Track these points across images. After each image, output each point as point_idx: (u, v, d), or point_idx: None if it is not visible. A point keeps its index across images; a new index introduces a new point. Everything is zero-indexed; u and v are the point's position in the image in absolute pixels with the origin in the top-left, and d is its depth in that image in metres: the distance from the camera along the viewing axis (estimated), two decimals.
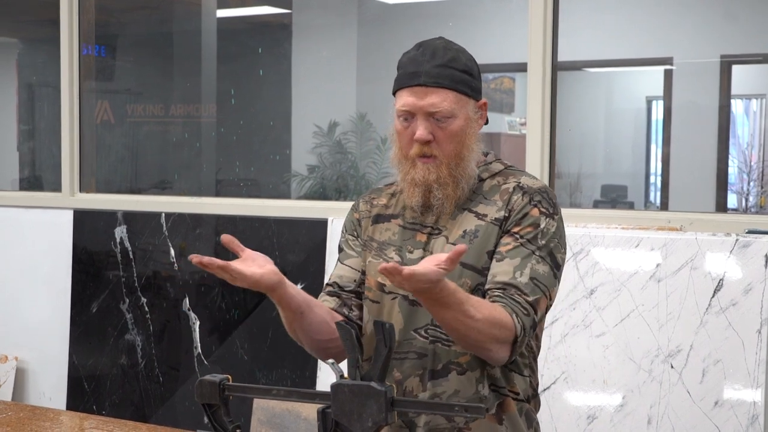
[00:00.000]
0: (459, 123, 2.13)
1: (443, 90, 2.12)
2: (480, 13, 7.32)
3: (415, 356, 2.12)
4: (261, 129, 7.33)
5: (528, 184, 2.17)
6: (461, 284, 2.07)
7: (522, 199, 2.13)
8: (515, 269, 2.06)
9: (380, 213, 2.26)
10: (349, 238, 2.31)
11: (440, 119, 2.11)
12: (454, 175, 2.13)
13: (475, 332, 1.95)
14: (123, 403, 4.59)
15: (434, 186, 2.13)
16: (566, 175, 7.47)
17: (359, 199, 2.34)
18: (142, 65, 7.12)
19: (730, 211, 7.44)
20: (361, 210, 2.31)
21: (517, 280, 2.05)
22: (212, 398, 1.95)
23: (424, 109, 2.11)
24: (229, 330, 4.33)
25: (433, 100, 2.11)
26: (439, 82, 2.12)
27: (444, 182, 2.13)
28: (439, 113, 2.11)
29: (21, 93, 7.59)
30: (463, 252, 1.84)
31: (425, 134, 2.11)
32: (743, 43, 7.17)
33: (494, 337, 1.97)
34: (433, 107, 2.11)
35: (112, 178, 6.20)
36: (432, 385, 2.10)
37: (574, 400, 3.40)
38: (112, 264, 4.64)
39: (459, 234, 2.13)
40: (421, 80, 2.12)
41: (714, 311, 3.22)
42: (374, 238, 2.24)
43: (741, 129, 8.58)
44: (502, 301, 2.02)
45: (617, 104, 8.94)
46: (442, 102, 2.11)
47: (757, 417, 3.12)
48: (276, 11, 7.58)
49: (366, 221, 2.28)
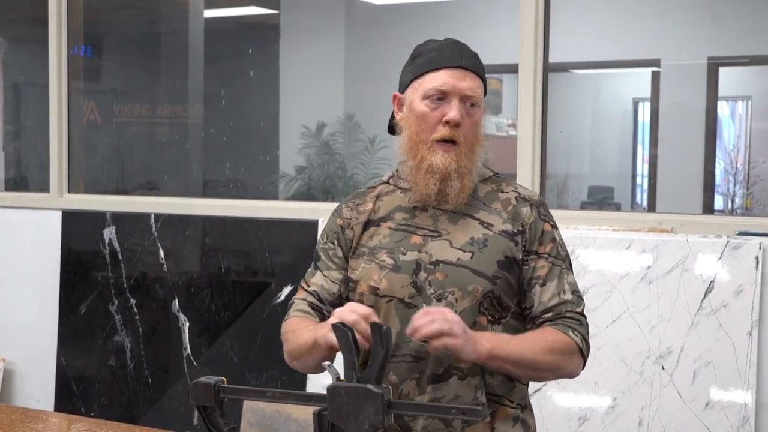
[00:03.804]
0: (480, 115, 2.16)
1: (478, 78, 2.16)
2: (468, 14, 7.32)
3: (411, 359, 2.11)
4: (249, 130, 7.31)
5: (527, 195, 2.20)
6: (472, 291, 2.07)
7: (532, 213, 2.16)
8: (558, 290, 2.14)
9: (369, 219, 2.23)
10: (330, 247, 2.26)
11: (472, 105, 2.13)
12: (468, 167, 2.13)
13: (546, 369, 2.09)
14: (112, 404, 4.58)
15: (453, 175, 2.11)
16: (553, 176, 7.47)
17: (342, 205, 2.29)
18: (129, 65, 7.09)
19: (717, 213, 7.46)
20: (345, 216, 2.26)
21: (564, 300, 2.13)
22: (207, 400, 1.94)
23: (462, 91, 2.12)
24: (219, 331, 4.32)
25: (471, 84, 2.13)
26: (476, 70, 2.15)
27: (463, 172, 2.12)
28: (474, 99, 2.13)
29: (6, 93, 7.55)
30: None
31: (458, 115, 2.10)
32: (730, 45, 7.19)
33: (563, 361, 2.10)
34: (471, 91, 2.13)
35: (99, 178, 6.17)
36: (432, 389, 2.09)
37: (565, 401, 3.40)
38: (100, 265, 4.63)
39: (466, 240, 2.12)
40: (463, 63, 2.14)
41: (705, 313, 3.22)
42: (365, 244, 2.20)
43: (727, 131, 8.61)
44: (555, 324, 2.12)
45: (604, 106, 8.96)
46: (477, 88, 2.14)
47: (748, 418, 3.13)
48: (263, 12, 7.56)
49: (356, 227, 2.23)
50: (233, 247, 4.35)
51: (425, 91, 2.13)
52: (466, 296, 2.08)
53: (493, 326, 2.11)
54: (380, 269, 2.14)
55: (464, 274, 2.09)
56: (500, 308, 2.12)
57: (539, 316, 2.13)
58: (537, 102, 3.69)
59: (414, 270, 2.12)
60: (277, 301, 4.18)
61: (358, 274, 2.19)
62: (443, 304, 2.08)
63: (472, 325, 2.08)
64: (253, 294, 4.25)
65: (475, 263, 2.09)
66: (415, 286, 2.11)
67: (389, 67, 2.35)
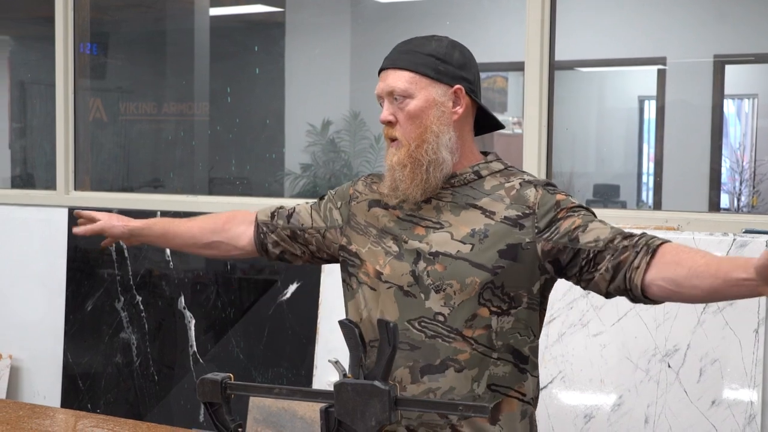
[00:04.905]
0: (417, 104, 2.15)
1: (399, 71, 2.17)
2: (474, 12, 7.31)
3: (408, 347, 2.11)
4: (254, 127, 7.32)
5: (532, 179, 2.20)
6: (470, 283, 2.08)
7: (538, 192, 2.14)
8: (605, 225, 2.08)
9: (377, 199, 2.27)
10: (330, 205, 2.36)
11: (398, 98, 2.16)
12: (414, 156, 2.14)
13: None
14: (118, 401, 4.58)
15: (396, 168, 2.16)
16: (559, 174, 7.46)
17: (360, 179, 2.37)
18: (135, 63, 7.09)
19: (723, 211, 7.45)
20: (358, 189, 2.33)
21: (618, 229, 2.07)
22: (214, 397, 1.95)
23: (384, 90, 2.19)
24: (225, 328, 4.32)
25: (390, 81, 2.17)
26: (396, 64, 2.18)
27: (402, 163, 2.15)
28: (395, 92, 2.16)
29: (13, 91, 7.56)
30: None
31: (386, 115, 2.18)
32: (736, 42, 7.17)
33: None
34: (388, 87, 2.17)
35: (105, 176, 6.18)
36: (428, 379, 2.10)
37: (571, 399, 3.41)
38: (106, 262, 4.63)
39: (467, 232, 2.12)
40: (387, 64, 2.21)
41: (711, 310, 3.22)
42: (371, 223, 2.24)
43: (733, 129, 8.60)
44: (647, 239, 2.02)
45: (610, 103, 8.95)
46: (397, 80, 2.16)
47: (755, 416, 3.13)
48: (269, 9, 7.56)
49: (362, 204, 2.29)
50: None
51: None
52: (464, 289, 2.09)
53: (499, 318, 2.10)
54: (386, 254, 2.18)
55: (463, 266, 2.09)
56: (507, 298, 2.11)
57: (608, 248, 2.03)
58: (543, 100, 3.69)
59: (414, 259, 2.14)
60: (284, 298, 4.19)
61: (364, 253, 2.22)
62: (441, 296, 2.10)
63: (472, 318, 2.09)
64: (259, 291, 4.25)
65: (475, 255, 2.10)
66: (414, 275, 2.13)
67: None
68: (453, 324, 2.09)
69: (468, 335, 2.09)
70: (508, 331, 2.11)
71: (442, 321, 2.09)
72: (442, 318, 2.10)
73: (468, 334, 2.09)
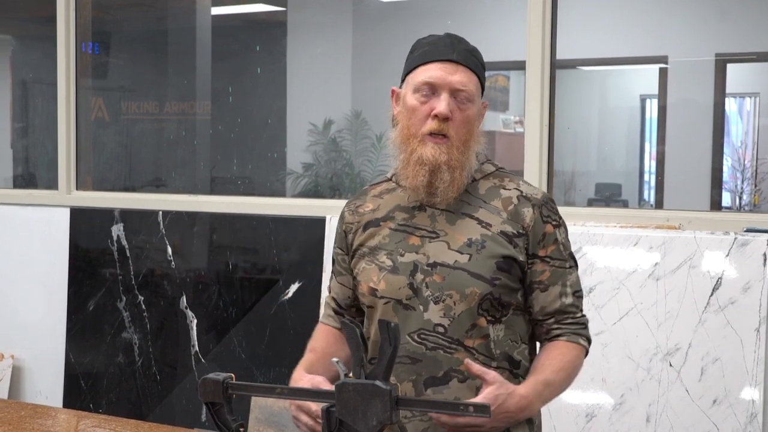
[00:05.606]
0: (474, 110, 2.14)
1: (471, 72, 2.13)
2: (476, 11, 7.31)
3: (409, 361, 2.11)
4: (256, 127, 7.32)
5: (530, 194, 2.17)
6: (470, 294, 2.07)
7: (534, 215, 2.13)
8: (561, 295, 2.15)
9: (369, 220, 2.23)
10: (338, 253, 2.31)
11: (462, 101, 2.11)
12: (460, 160, 2.11)
13: (570, 382, 2.17)
14: (120, 401, 4.59)
15: (443, 168, 2.09)
16: (560, 173, 7.47)
17: (345, 209, 2.31)
18: (137, 62, 7.09)
19: (725, 210, 7.45)
20: (347, 221, 2.28)
21: (566, 304, 2.15)
22: (215, 397, 1.94)
23: (452, 84, 2.10)
24: (227, 328, 4.33)
25: (462, 78, 2.11)
26: (468, 64, 2.13)
27: (453, 165, 2.10)
28: (464, 93, 2.11)
29: (15, 90, 7.56)
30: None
31: (447, 110, 2.08)
32: (737, 41, 7.18)
33: (577, 370, 2.18)
34: (462, 85, 2.10)
35: (107, 175, 6.18)
36: (432, 391, 2.09)
37: (573, 398, 3.41)
38: (108, 262, 4.64)
39: (463, 242, 2.11)
40: (454, 56, 2.12)
41: (712, 309, 3.22)
42: (366, 244, 2.21)
43: (735, 127, 8.60)
44: (561, 331, 2.15)
45: (612, 102, 8.95)
46: (468, 82, 2.11)
47: (756, 415, 3.13)
48: (271, 9, 7.56)
49: (358, 233, 2.24)
50: (241, 244, 4.36)
51: (416, 85, 2.12)
52: (463, 299, 2.08)
53: (493, 326, 2.11)
54: (379, 270, 2.15)
55: (462, 276, 2.08)
56: (501, 307, 2.11)
57: (542, 320, 2.16)
58: (544, 99, 3.69)
59: (411, 271, 2.12)
60: (285, 297, 4.19)
61: (359, 274, 2.21)
62: (441, 307, 2.08)
63: (471, 328, 2.09)
64: (261, 291, 4.26)
65: (473, 265, 2.08)
66: (412, 287, 2.11)
67: (396, 64, 2.34)
68: (454, 335, 2.08)
69: (469, 345, 2.09)
70: (503, 339, 2.12)
71: (442, 332, 2.08)
72: (442, 329, 2.09)
73: (469, 344, 2.09)
